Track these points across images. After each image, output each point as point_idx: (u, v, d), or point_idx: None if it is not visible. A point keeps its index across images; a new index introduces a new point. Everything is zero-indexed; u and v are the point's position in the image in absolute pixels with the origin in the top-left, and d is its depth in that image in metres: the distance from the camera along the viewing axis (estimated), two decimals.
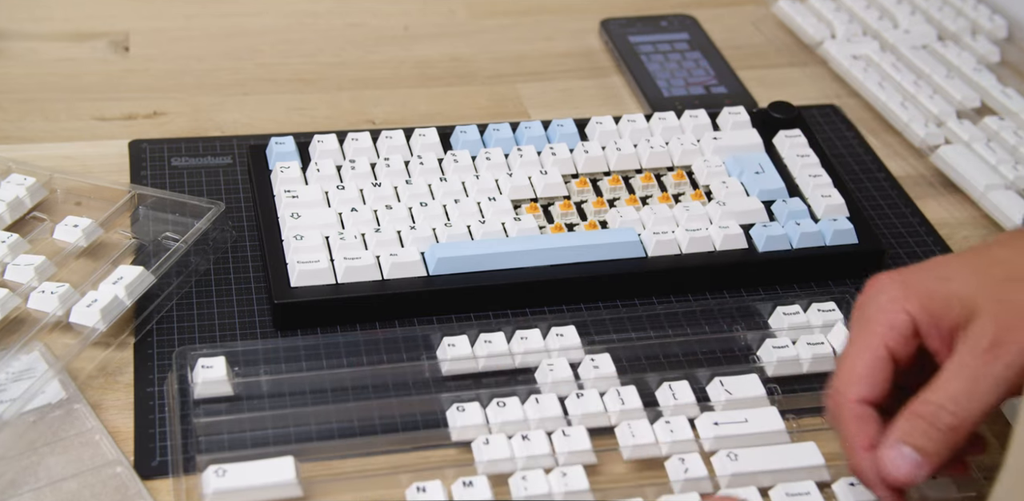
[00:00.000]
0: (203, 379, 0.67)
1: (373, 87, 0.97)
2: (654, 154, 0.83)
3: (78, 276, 0.75)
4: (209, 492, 0.61)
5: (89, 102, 0.92)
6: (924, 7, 1.06)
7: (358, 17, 1.05)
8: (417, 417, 0.68)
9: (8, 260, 0.74)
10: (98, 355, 0.71)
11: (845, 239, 0.79)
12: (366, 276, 0.74)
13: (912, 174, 0.91)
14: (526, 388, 0.69)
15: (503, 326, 0.72)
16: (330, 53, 1.01)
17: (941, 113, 0.93)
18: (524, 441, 0.65)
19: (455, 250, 0.74)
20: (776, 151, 0.86)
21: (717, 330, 0.75)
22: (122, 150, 0.87)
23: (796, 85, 1.00)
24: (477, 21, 1.06)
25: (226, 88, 0.95)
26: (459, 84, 0.98)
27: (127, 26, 1.01)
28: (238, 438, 0.66)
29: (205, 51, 0.99)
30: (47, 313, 0.71)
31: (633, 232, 0.77)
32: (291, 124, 0.92)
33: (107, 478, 0.63)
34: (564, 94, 0.98)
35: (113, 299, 0.70)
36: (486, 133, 0.84)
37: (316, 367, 0.70)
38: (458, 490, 0.62)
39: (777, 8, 1.09)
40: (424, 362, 0.71)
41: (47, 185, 0.81)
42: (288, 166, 0.80)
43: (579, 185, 0.81)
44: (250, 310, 0.75)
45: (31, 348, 0.68)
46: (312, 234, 0.75)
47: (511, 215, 0.78)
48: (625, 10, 1.07)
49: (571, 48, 1.04)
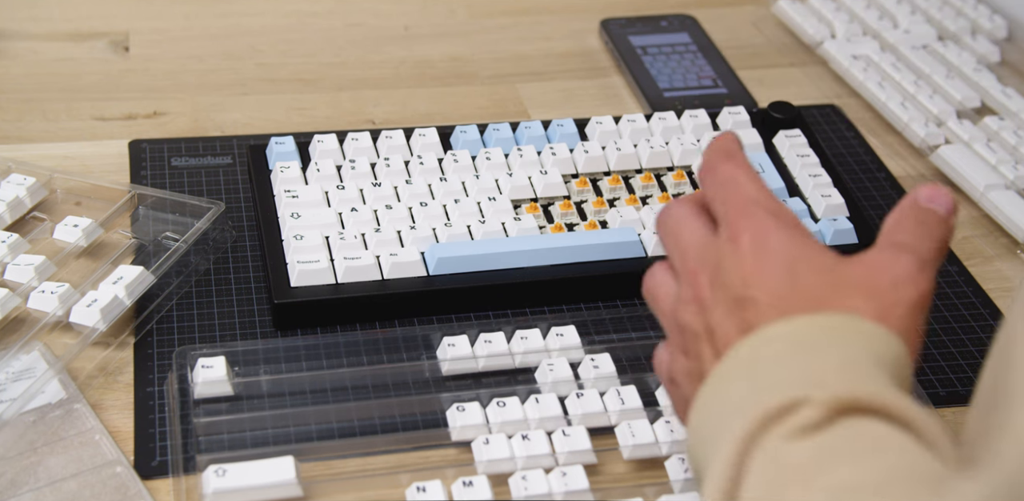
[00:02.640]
0: (203, 379, 0.67)
1: (373, 87, 0.97)
2: (654, 154, 0.83)
3: (78, 276, 0.75)
4: (209, 492, 0.61)
5: (89, 102, 0.92)
6: (924, 7, 1.06)
7: (358, 17, 1.05)
8: (417, 417, 0.68)
9: (8, 260, 0.74)
10: (98, 355, 0.71)
11: (845, 239, 0.79)
12: (366, 276, 0.74)
13: (912, 174, 0.91)
14: (526, 388, 0.69)
15: (503, 326, 0.72)
16: (330, 53, 1.01)
17: (941, 113, 0.93)
18: (524, 441, 0.65)
19: (455, 250, 0.74)
20: (776, 151, 0.86)
21: None
22: (122, 150, 0.87)
23: (796, 85, 1.00)
24: (477, 21, 1.06)
25: (226, 88, 0.95)
26: (459, 84, 0.98)
27: (127, 26, 1.01)
28: (238, 438, 0.66)
29: (205, 51, 0.99)
30: (47, 313, 0.71)
31: (633, 232, 0.77)
32: (291, 124, 0.92)
33: (107, 478, 0.63)
34: (564, 94, 0.98)
35: (113, 299, 0.70)
36: (486, 133, 0.84)
37: (316, 367, 0.70)
38: (458, 490, 0.62)
39: (777, 8, 1.08)
40: (424, 362, 0.71)
41: (47, 185, 0.81)
42: (288, 166, 0.80)
43: (579, 185, 0.81)
44: (250, 310, 0.75)
45: (31, 348, 0.68)
46: (312, 234, 0.75)
47: (511, 215, 0.78)
48: (625, 10, 1.07)
49: (571, 48, 1.04)
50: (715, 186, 0.56)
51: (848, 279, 0.52)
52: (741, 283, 0.52)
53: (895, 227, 0.54)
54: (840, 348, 0.49)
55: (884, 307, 0.51)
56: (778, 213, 0.54)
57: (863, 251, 0.54)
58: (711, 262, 0.54)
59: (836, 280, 0.52)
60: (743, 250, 0.53)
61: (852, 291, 0.51)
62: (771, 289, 0.51)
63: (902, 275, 0.52)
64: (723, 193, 0.56)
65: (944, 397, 0.72)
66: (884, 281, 0.52)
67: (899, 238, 0.53)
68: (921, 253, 0.52)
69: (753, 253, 0.53)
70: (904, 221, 0.54)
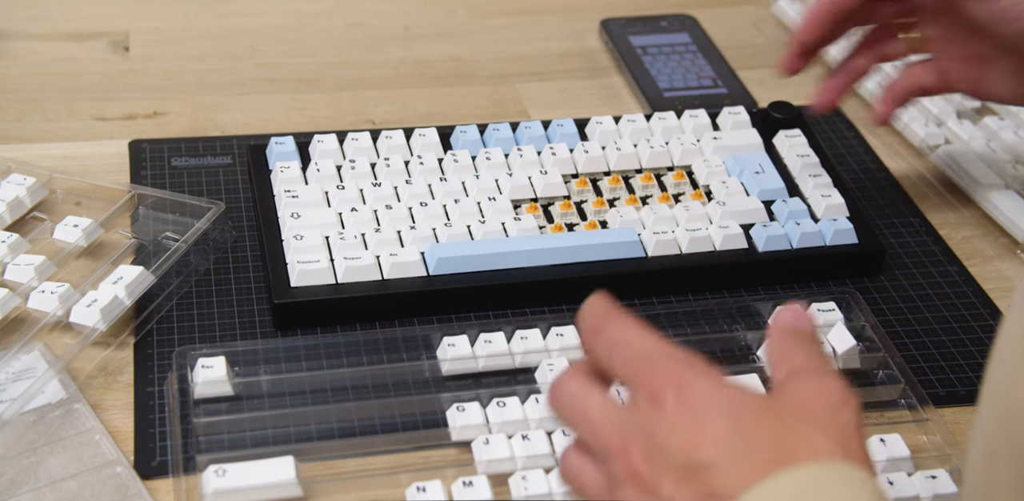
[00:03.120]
0: (203, 379, 0.67)
1: (373, 87, 0.97)
2: (654, 154, 0.83)
3: (78, 276, 0.75)
4: (209, 492, 0.61)
5: (89, 102, 0.92)
6: None
7: (358, 17, 1.05)
8: (417, 417, 0.68)
9: (8, 260, 0.74)
10: (98, 355, 0.71)
11: (845, 239, 0.79)
12: (366, 276, 0.74)
13: (912, 174, 0.91)
14: (526, 388, 0.69)
15: (503, 326, 0.72)
16: (330, 53, 1.01)
17: (941, 113, 0.93)
18: (524, 441, 0.65)
19: (455, 250, 0.74)
20: (776, 151, 0.86)
21: (717, 330, 0.75)
22: (122, 150, 0.87)
23: (796, 85, 1.00)
24: (477, 21, 1.06)
25: (226, 88, 0.95)
26: (459, 84, 0.98)
27: (127, 26, 1.01)
28: (238, 438, 0.66)
29: (205, 51, 0.99)
30: (47, 313, 0.71)
31: (633, 232, 0.77)
32: (291, 124, 0.92)
33: (107, 478, 0.63)
34: (564, 94, 0.98)
35: (113, 299, 0.70)
36: (486, 133, 0.84)
37: (316, 367, 0.70)
38: (458, 490, 0.62)
39: (777, 8, 1.08)
40: (424, 362, 0.71)
41: (47, 185, 0.81)
42: (288, 166, 0.80)
43: (579, 185, 0.81)
44: (250, 310, 0.75)
45: (31, 348, 0.68)
46: (312, 234, 0.75)
47: (511, 215, 0.78)
48: (625, 10, 1.07)
49: (571, 48, 1.04)
50: (607, 349, 0.52)
51: (792, 417, 0.48)
52: (685, 448, 0.47)
53: (784, 356, 0.51)
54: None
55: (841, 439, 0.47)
56: (685, 360, 0.50)
57: (771, 390, 0.51)
58: (639, 432, 0.49)
59: (782, 423, 0.48)
60: (670, 411, 0.48)
61: (804, 430, 0.47)
62: (724, 448, 0.47)
63: (835, 399, 0.49)
64: (619, 354, 0.51)
65: (944, 397, 0.72)
66: (823, 412, 0.48)
67: (796, 364, 0.51)
68: (825, 370, 0.50)
69: (684, 412, 0.48)
70: (789, 347, 0.52)
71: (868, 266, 0.80)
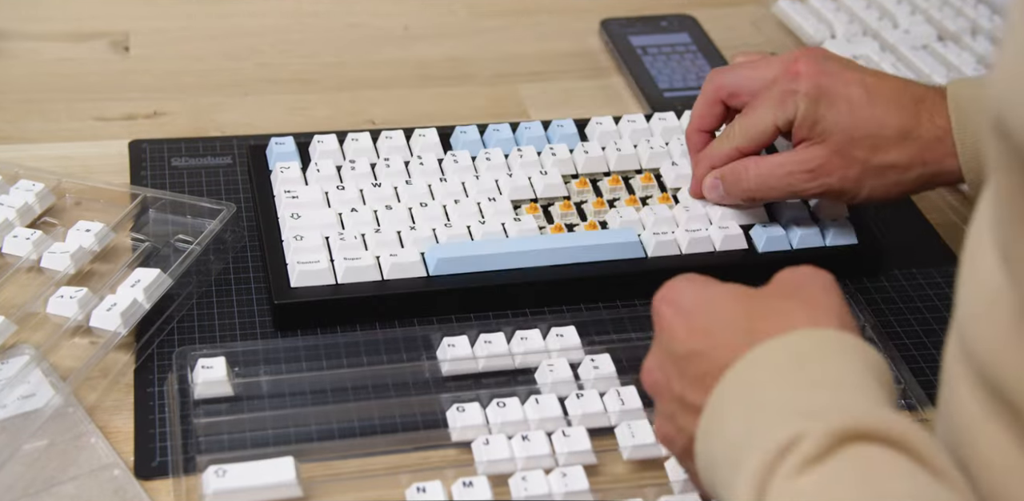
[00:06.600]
0: (203, 379, 0.67)
1: (373, 87, 0.97)
2: (654, 154, 0.83)
3: (94, 280, 0.75)
4: (209, 492, 0.61)
5: (89, 102, 0.92)
6: (924, 7, 1.06)
7: (358, 17, 1.05)
8: (417, 417, 0.68)
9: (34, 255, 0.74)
10: (98, 356, 0.71)
11: (845, 239, 0.79)
12: (366, 276, 0.74)
13: None
14: (526, 388, 0.69)
15: (503, 326, 0.72)
16: (330, 53, 1.01)
17: None
18: (524, 441, 0.65)
19: (455, 251, 0.74)
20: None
21: None
22: (122, 150, 0.87)
23: None
24: (477, 21, 1.06)
25: (226, 88, 0.95)
26: (459, 84, 0.98)
27: (127, 26, 1.01)
28: (238, 438, 0.66)
29: (205, 51, 0.99)
30: (67, 318, 0.70)
31: (633, 232, 0.77)
32: (291, 124, 0.92)
33: (105, 481, 0.63)
34: (564, 94, 0.98)
35: (132, 302, 0.70)
36: (486, 133, 0.84)
37: (316, 367, 0.70)
38: (458, 490, 0.62)
39: (777, 8, 1.08)
40: (424, 362, 0.71)
41: (55, 190, 0.80)
42: (288, 166, 0.80)
43: (579, 185, 0.81)
44: (250, 310, 0.75)
45: (26, 351, 0.68)
46: (312, 234, 0.75)
47: (511, 215, 0.78)
48: (625, 10, 1.07)
49: (571, 48, 1.04)
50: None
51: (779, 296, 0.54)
52: (679, 347, 0.54)
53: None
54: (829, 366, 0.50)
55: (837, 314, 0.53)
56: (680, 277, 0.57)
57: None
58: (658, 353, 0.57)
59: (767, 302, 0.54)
60: (668, 323, 0.55)
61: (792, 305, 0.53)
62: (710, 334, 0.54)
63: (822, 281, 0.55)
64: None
65: None
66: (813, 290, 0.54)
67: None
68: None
69: (678, 317, 0.55)
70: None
71: (868, 266, 0.80)
